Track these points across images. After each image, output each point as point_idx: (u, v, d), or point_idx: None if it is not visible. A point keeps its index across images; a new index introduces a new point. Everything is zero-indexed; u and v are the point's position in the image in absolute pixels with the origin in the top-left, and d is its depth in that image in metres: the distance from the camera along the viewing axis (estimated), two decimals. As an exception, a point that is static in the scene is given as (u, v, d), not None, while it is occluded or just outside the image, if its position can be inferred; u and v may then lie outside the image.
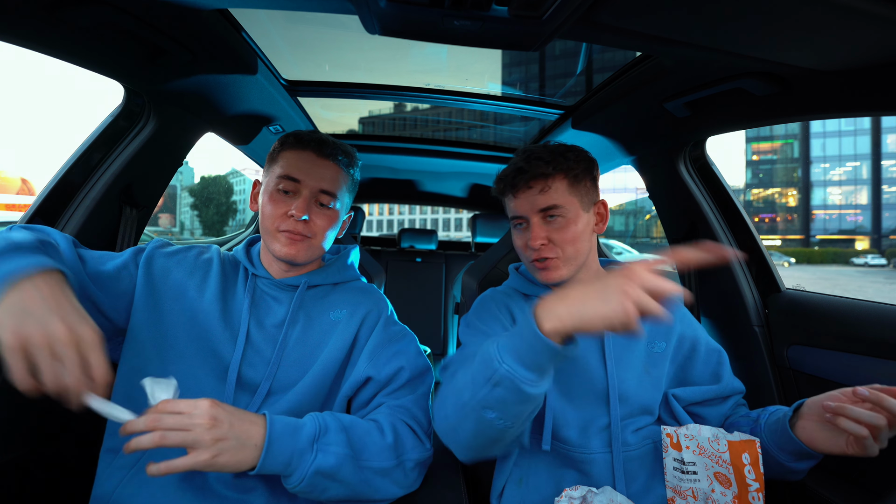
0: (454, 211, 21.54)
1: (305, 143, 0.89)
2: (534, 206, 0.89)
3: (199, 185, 62.43)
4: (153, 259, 0.88)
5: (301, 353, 0.85)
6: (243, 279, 0.91)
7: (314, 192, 0.87)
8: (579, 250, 0.89)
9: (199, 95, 1.18)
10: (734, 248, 1.31)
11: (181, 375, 0.78)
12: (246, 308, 0.86)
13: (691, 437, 0.82)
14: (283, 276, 0.92)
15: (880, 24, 0.62)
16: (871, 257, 41.81)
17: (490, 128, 2.20)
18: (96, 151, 1.11)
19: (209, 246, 0.98)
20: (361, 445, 0.73)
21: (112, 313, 0.81)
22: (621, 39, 0.79)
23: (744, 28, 0.69)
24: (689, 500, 0.80)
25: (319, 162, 0.89)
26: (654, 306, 0.56)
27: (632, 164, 1.55)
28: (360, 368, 0.86)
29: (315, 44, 1.32)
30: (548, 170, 0.87)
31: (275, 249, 0.86)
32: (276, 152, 0.91)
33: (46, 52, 0.87)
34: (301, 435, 0.69)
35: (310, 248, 0.88)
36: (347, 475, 0.70)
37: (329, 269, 0.97)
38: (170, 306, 0.84)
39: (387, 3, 0.68)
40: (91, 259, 0.81)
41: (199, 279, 0.88)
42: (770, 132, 53.94)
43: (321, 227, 0.89)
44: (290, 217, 0.85)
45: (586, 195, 0.91)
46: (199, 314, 0.84)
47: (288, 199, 0.87)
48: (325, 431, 0.71)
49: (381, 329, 0.91)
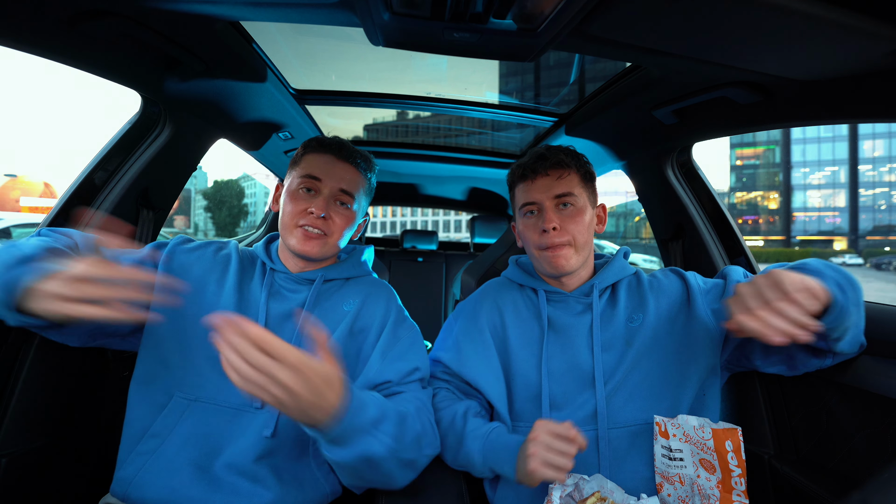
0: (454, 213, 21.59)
1: (327, 147, 0.91)
2: (550, 192, 0.90)
3: (212, 189, 62.41)
4: (174, 255, 0.89)
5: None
6: (261, 273, 0.92)
7: (334, 191, 0.88)
8: (588, 241, 0.92)
9: (212, 103, 1.18)
10: (719, 249, 1.31)
11: (204, 367, 0.80)
12: (263, 300, 0.87)
13: (678, 426, 0.82)
14: (300, 270, 0.92)
15: (857, 37, 0.63)
16: (849, 257, 41.77)
17: (488, 134, 2.20)
18: (115, 157, 1.11)
19: (227, 241, 0.99)
20: (402, 436, 0.71)
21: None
22: (612, 50, 0.80)
23: (728, 40, 0.70)
24: (677, 485, 0.81)
25: (339, 164, 0.90)
26: (559, 462, 0.67)
27: (622, 169, 1.55)
28: (373, 369, 0.83)
29: (322, 55, 1.32)
30: (567, 160, 0.91)
31: (291, 244, 0.87)
32: (300, 156, 0.93)
33: (68, 63, 0.87)
34: (364, 415, 0.64)
35: (325, 246, 0.88)
36: (386, 466, 0.68)
37: (344, 265, 0.97)
38: (190, 299, 0.84)
39: (390, 16, 0.69)
40: (110, 255, 0.81)
41: (219, 274, 0.89)
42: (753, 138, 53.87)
43: (339, 225, 0.89)
44: (310, 214, 0.86)
45: (592, 194, 0.95)
46: (218, 307, 0.84)
47: (309, 197, 0.88)
48: (383, 418, 0.68)
49: (391, 328, 0.90)
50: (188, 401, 0.80)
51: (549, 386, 0.89)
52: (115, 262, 0.61)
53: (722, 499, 0.77)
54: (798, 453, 0.97)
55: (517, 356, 0.93)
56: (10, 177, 11.38)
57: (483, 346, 0.94)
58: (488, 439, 0.81)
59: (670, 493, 0.81)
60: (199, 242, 0.95)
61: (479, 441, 0.81)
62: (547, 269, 0.93)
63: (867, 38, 0.62)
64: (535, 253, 0.94)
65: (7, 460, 0.80)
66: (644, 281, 0.97)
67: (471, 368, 0.92)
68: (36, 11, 0.72)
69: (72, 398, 0.95)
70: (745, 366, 0.91)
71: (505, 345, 0.95)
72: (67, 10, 0.73)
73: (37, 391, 0.87)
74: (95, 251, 0.63)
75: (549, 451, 0.69)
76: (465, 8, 0.65)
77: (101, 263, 0.60)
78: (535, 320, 0.95)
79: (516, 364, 0.93)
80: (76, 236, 0.78)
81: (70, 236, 0.78)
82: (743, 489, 0.76)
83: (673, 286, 0.95)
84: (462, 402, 0.91)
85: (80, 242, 0.77)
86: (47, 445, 0.89)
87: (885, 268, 35.06)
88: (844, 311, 0.67)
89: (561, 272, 0.91)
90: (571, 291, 0.95)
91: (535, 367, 0.91)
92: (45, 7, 0.72)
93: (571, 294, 0.95)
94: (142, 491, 0.74)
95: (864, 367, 0.84)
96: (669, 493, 0.81)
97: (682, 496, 0.80)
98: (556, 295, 0.96)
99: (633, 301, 0.94)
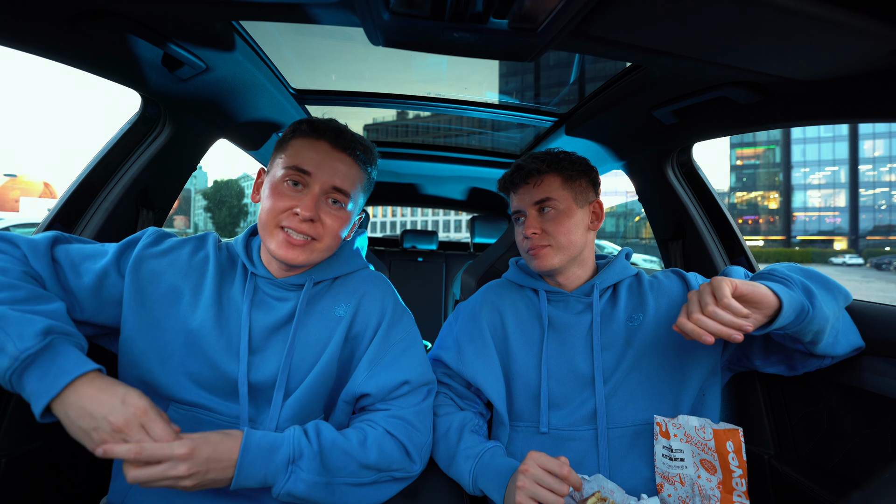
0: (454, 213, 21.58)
1: (321, 132, 0.76)
2: (530, 199, 0.93)
3: (211, 189, 62.47)
4: (142, 263, 0.76)
5: (306, 351, 0.79)
6: (241, 278, 0.80)
7: (325, 188, 0.75)
8: (572, 241, 0.91)
9: (212, 103, 1.18)
10: (719, 249, 1.31)
11: (187, 382, 0.76)
12: (245, 312, 0.76)
13: (679, 426, 0.82)
14: (285, 275, 0.81)
15: (857, 36, 0.63)
16: (849, 257, 41.76)
17: (488, 134, 2.20)
18: (115, 157, 1.11)
19: (205, 236, 0.85)
20: (339, 466, 0.70)
21: (101, 319, 0.76)
22: (612, 50, 0.79)
23: (728, 40, 0.69)
24: (677, 485, 0.80)
25: (334, 154, 0.76)
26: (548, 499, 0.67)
27: (622, 169, 1.55)
28: (357, 380, 0.79)
29: (322, 55, 1.32)
30: (542, 167, 0.92)
31: (271, 248, 0.75)
32: (287, 139, 0.78)
33: (68, 63, 0.87)
34: (276, 457, 0.66)
35: (312, 253, 0.76)
36: (321, 497, 0.69)
37: (334, 261, 0.85)
38: (164, 312, 0.76)
39: (390, 16, 0.68)
40: (70, 267, 0.72)
41: (194, 282, 0.78)
42: (753, 138, 53.87)
43: (330, 229, 0.76)
44: (295, 215, 0.73)
45: (581, 193, 0.94)
46: (194, 320, 0.76)
47: (295, 193, 0.74)
48: (299, 456, 0.67)
49: (383, 332, 0.83)
50: (183, 411, 0.76)
51: (548, 386, 0.89)
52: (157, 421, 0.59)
53: (723, 499, 0.77)
54: (798, 453, 0.97)
55: (517, 356, 0.93)
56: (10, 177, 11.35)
57: (483, 346, 0.94)
58: (480, 461, 0.81)
59: (671, 493, 0.81)
60: (172, 242, 0.81)
61: (471, 461, 0.81)
62: (533, 269, 0.96)
63: (867, 38, 0.62)
64: (524, 256, 0.97)
65: (7, 460, 0.80)
66: (645, 281, 0.97)
67: (471, 368, 0.92)
68: (36, 11, 0.72)
69: None
70: (745, 366, 0.91)
71: (505, 345, 0.95)
72: (67, 10, 0.73)
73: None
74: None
75: (537, 486, 0.68)
76: (465, 8, 0.65)
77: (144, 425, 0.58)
78: (536, 320, 0.96)
79: (516, 364, 0.93)
80: (22, 245, 0.70)
81: (18, 246, 0.69)
82: (744, 490, 0.76)
83: (673, 287, 0.95)
84: (458, 414, 0.91)
85: (26, 252, 0.69)
86: (47, 445, 0.89)
87: (885, 268, 35.04)
88: (805, 316, 0.70)
89: (543, 270, 0.93)
90: (572, 291, 0.95)
91: (535, 367, 0.91)
92: (45, 7, 0.71)
93: (572, 294, 0.95)
94: (139, 499, 0.74)
95: (864, 367, 0.84)
96: (670, 494, 0.81)
97: (682, 496, 0.80)
98: (556, 295, 0.96)
99: (634, 301, 0.94)
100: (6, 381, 0.57)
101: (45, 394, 0.55)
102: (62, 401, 0.56)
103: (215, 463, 0.61)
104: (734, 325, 0.67)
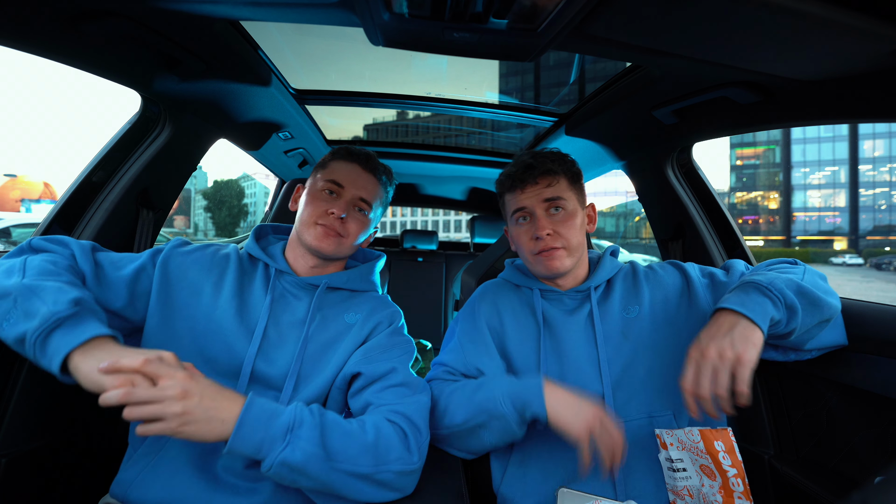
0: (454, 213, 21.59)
1: (354, 157, 0.95)
2: (540, 198, 0.91)
3: (212, 189, 62.42)
4: (170, 258, 0.87)
5: (318, 350, 0.85)
6: (263, 276, 0.90)
7: (354, 198, 0.92)
8: (581, 243, 0.93)
9: (212, 103, 1.18)
10: (719, 249, 1.31)
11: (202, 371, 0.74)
12: (266, 305, 0.86)
13: (672, 434, 0.81)
14: (308, 274, 0.92)
15: (858, 37, 0.63)
16: (849, 257, 41.79)
17: (488, 134, 2.20)
18: (115, 157, 1.11)
19: (227, 244, 0.97)
20: (338, 447, 0.68)
21: (131, 314, 0.81)
22: (612, 50, 0.79)
23: (728, 40, 0.69)
24: (687, 499, 0.79)
25: (363, 174, 0.93)
26: (606, 445, 0.72)
27: (622, 169, 1.55)
28: (351, 363, 0.84)
29: (322, 55, 1.32)
30: (554, 167, 0.92)
31: (307, 240, 0.88)
32: (327, 161, 0.96)
33: (68, 63, 0.87)
34: (276, 423, 0.65)
35: (340, 245, 0.90)
36: (316, 473, 0.66)
37: (351, 275, 0.96)
38: (185, 302, 0.83)
39: (390, 16, 0.69)
40: (109, 264, 0.82)
41: (217, 276, 0.88)
42: (753, 138, 53.89)
43: (354, 229, 0.92)
44: (331, 214, 0.89)
45: (581, 195, 0.95)
46: (216, 311, 0.83)
47: (331, 199, 0.91)
48: (299, 424, 0.66)
49: (385, 335, 0.89)
50: None
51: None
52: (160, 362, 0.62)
53: (725, 503, 0.76)
54: (798, 453, 0.97)
55: (516, 355, 0.94)
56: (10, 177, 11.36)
57: (485, 346, 0.94)
58: (510, 379, 0.82)
59: None
60: (196, 245, 0.94)
61: (502, 381, 0.82)
62: (542, 272, 0.93)
63: (868, 38, 0.62)
64: (529, 258, 0.94)
65: (7, 460, 0.80)
66: (640, 272, 0.98)
67: (475, 358, 0.93)
68: (36, 11, 0.72)
69: (72, 398, 0.95)
70: None
71: (504, 344, 0.95)
72: (67, 10, 0.73)
73: (37, 391, 0.87)
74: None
75: (604, 430, 0.73)
76: (465, 8, 0.65)
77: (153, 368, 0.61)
78: (531, 318, 0.96)
79: (516, 363, 0.93)
80: (73, 246, 0.79)
81: (68, 246, 0.78)
82: (742, 490, 0.75)
83: (670, 278, 0.95)
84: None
85: (75, 251, 0.78)
86: (47, 445, 0.89)
87: (885, 268, 35.05)
88: (778, 333, 0.77)
89: (556, 273, 0.92)
90: (566, 290, 0.96)
91: (534, 365, 0.91)
92: (45, 7, 0.71)
93: (566, 293, 0.96)
94: (142, 492, 0.74)
95: (865, 368, 0.84)
96: None
97: None
98: (551, 293, 0.97)
99: (629, 292, 0.95)
100: (32, 343, 0.62)
101: (66, 345, 0.61)
102: (82, 352, 0.61)
103: (213, 411, 0.61)
104: (725, 408, 0.71)
